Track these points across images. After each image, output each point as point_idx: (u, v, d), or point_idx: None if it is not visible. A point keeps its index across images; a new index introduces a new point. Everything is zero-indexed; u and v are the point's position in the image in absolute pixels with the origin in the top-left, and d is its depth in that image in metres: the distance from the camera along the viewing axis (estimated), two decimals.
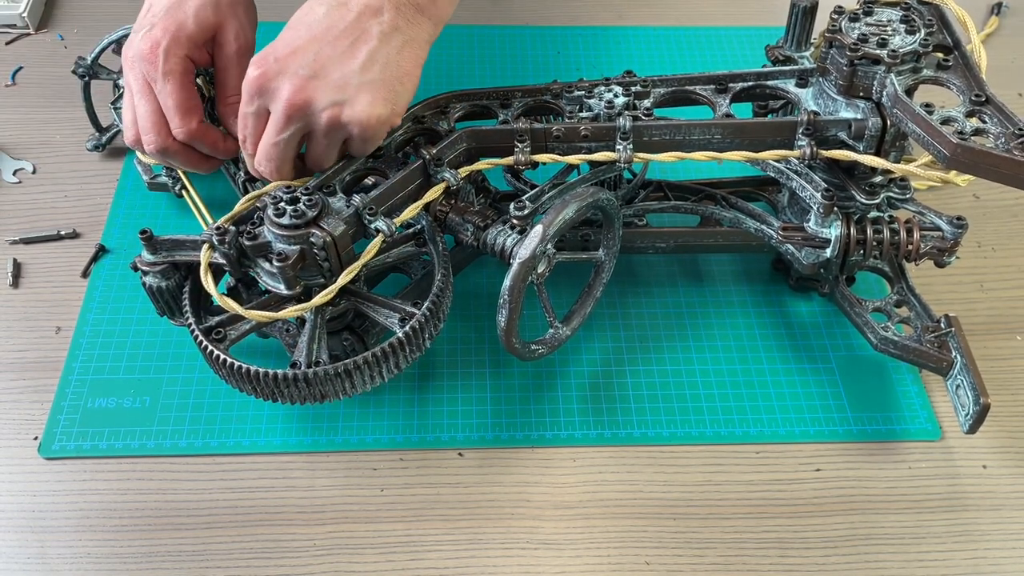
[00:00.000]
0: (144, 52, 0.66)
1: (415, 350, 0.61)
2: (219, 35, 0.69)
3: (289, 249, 0.59)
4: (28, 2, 0.95)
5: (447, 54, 0.96)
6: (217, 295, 0.59)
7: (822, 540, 0.63)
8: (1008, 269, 0.79)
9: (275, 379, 0.58)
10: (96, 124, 0.83)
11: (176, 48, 0.66)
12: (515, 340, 0.63)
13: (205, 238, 0.60)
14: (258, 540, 0.62)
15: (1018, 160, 0.56)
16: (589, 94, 0.69)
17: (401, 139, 0.69)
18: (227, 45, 0.69)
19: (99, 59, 0.80)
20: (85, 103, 0.81)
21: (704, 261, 0.79)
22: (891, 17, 0.65)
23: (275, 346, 0.68)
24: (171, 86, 0.66)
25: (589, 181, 0.67)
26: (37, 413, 0.68)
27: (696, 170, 0.73)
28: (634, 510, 0.64)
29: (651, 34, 0.99)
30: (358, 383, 0.60)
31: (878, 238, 0.66)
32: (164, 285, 0.63)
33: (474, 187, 0.71)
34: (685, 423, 0.68)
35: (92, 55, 0.79)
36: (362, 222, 0.61)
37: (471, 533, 0.63)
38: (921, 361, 0.66)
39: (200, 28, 0.67)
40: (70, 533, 0.62)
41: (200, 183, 0.75)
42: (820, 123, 0.65)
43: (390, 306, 0.62)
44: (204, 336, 0.60)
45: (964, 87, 0.62)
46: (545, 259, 0.62)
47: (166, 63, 0.66)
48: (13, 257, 0.77)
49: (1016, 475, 0.66)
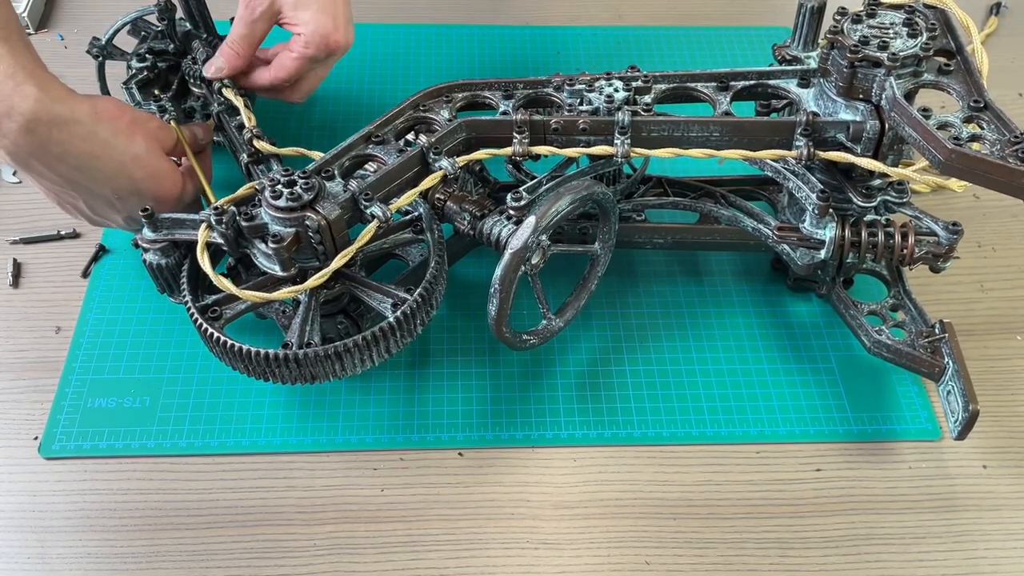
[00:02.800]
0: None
1: (406, 335, 0.61)
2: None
3: (285, 231, 0.59)
4: (28, 2, 0.95)
5: (447, 54, 0.96)
6: (213, 275, 0.60)
7: (822, 540, 0.63)
8: (1008, 269, 0.79)
9: (266, 358, 0.59)
10: None
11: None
12: (506, 329, 0.63)
13: (204, 218, 0.61)
14: (258, 540, 0.62)
15: (1012, 167, 0.56)
16: (590, 88, 0.69)
17: (402, 127, 0.69)
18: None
19: (113, 40, 0.80)
20: (100, 83, 0.82)
21: (704, 259, 0.79)
22: (894, 20, 0.65)
23: (275, 326, 0.68)
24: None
25: (587, 174, 0.68)
26: (37, 413, 0.68)
27: (697, 167, 0.73)
28: (634, 510, 0.64)
29: (651, 34, 0.99)
30: (348, 366, 0.60)
31: (873, 241, 0.66)
32: (164, 262, 0.63)
33: (473, 177, 0.71)
34: (685, 423, 0.68)
35: (107, 35, 0.79)
36: (358, 207, 0.62)
37: (471, 533, 0.63)
38: (913, 366, 0.66)
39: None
40: (70, 533, 0.62)
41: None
42: (818, 124, 0.65)
43: (383, 291, 0.62)
44: (200, 314, 0.61)
45: (964, 92, 0.62)
46: (539, 250, 0.62)
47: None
48: (13, 257, 0.77)
49: (1016, 475, 0.67)
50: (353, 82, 0.92)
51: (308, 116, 0.89)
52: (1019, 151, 0.56)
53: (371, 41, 0.97)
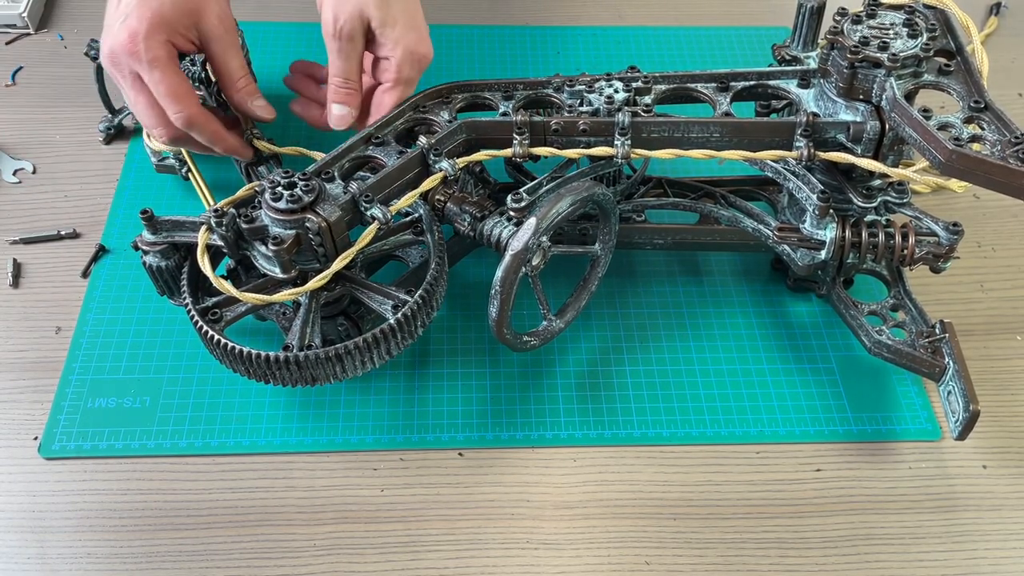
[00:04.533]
0: (124, 43, 0.63)
1: (407, 337, 0.61)
2: (201, 21, 0.66)
3: (285, 233, 0.59)
4: (28, 2, 0.95)
5: (447, 54, 0.96)
6: (213, 276, 0.60)
7: (822, 540, 0.63)
8: (1008, 269, 0.79)
9: (267, 361, 0.59)
10: (109, 106, 0.84)
11: (156, 34, 0.64)
12: (507, 331, 0.63)
13: (204, 220, 0.61)
14: (258, 540, 0.62)
15: (1012, 168, 0.56)
16: (590, 89, 0.69)
17: (402, 128, 0.69)
18: (214, 29, 0.66)
19: None
20: (97, 85, 0.82)
21: (704, 259, 0.79)
22: (894, 20, 0.65)
23: (275, 328, 0.68)
24: (158, 73, 0.64)
25: (588, 175, 0.68)
26: (37, 413, 0.68)
27: (697, 168, 0.73)
28: (634, 510, 0.64)
29: (651, 34, 0.99)
30: (349, 368, 0.60)
31: (873, 242, 0.66)
32: (164, 265, 0.63)
33: (473, 178, 0.71)
34: (685, 423, 0.68)
35: None
36: (358, 209, 0.62)
37: (471, 533, 0.63)
38: (914, 366, 0.66)
39: (178, 12, 0.65)
40: (70, 533, 0.62)
41: (205, 168, 0.75)
42: (819, 125, 0.65)
43: (384, 293, 0.62)
44: (200, 316, 0.61)
45: (964, 93, 0.62)
46: (540, 251, 0.62)
47: (148, 51, 0.63)
48: (13, 257, 0.77)
49: (1016, 475, 0.67)
50: None
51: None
52: (1019, 152, 0.56)
53: None
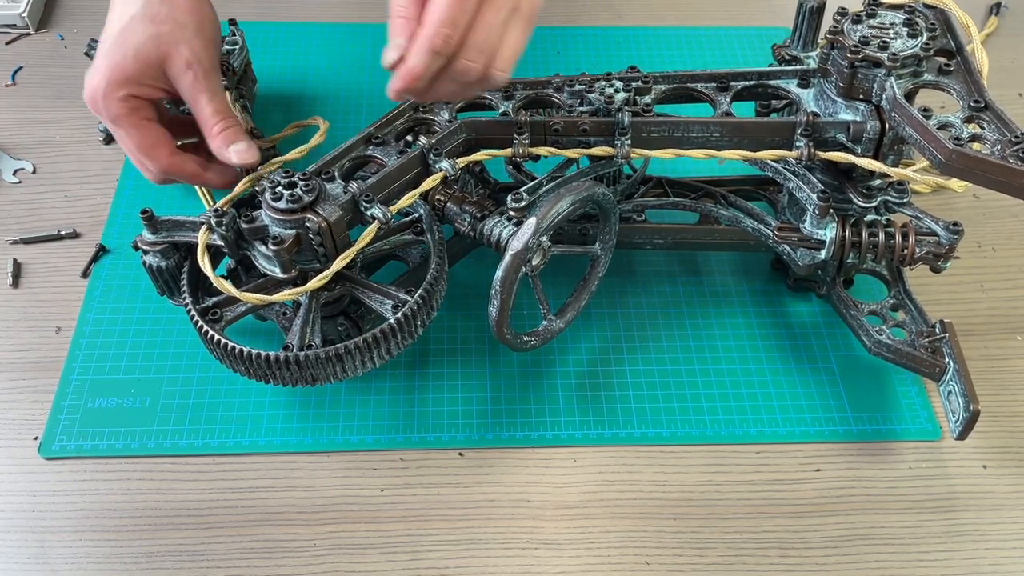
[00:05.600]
0: (89, 97, 0.64)
1: (407, 337, 0.61)
2: (169, 69, 0.65)
3: (285, 233, 0.59)
4: (28, 2, 0.95)
5: None
6: (213, 276, 0.60)
7: (822, 540, 0.63)
8: (1008, 269, 0.79)
9: (267, 360, 0.59)
10: None
11: (115, 92, 0.64)
12: (507, 331, 0.63)
13: (204, 220, 0.61)
14: (258, 540, 0.62)
15: (1013, 167, 0.56)
16: (590, 88, 0.69)
17: (402, 128, 0.69)
18: (183, 77, 0.65)
19: None
20: None
21: (704, 259, 0.79)
22: (894, 20, 0.65)
23: (275, 328, 0.68)
24: (122, 131, 0.65)
25: (588, 175, 0.68)
26: (37, 413, 0.67)
27: (697, 168, 0.73)
28: (634, 510, 0.64)
29: (651, 34, 0.99)
30: (349, 367, 0.60)
31: (873, 241, 0.66)
32: (164, 265, 0.63)
33: (473, 178, 0.71)
34: (685, 423, 0.68)
35: None
36: (358, 208, 0.62)
37: (471, 533, 0.63)
38: (914, 366, 0.66)
39: (142, 65, 0.64)
40: (70, 533, 0.62)
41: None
42: (819, 124, 0.65)
43: (384, 292, 0.62)
44: (200, 316, 0.61)
45: (964, 92, 0.62)
46: (540, 251, 0.62)
47: (108, 110, 0.64)
48: (13, 257, 0.77)
49: (1016, 475, 0.67)
50: (353, 83, 0.92)
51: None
52: (1019, 151, 0.56)
53: (372, 41, 0.97)
